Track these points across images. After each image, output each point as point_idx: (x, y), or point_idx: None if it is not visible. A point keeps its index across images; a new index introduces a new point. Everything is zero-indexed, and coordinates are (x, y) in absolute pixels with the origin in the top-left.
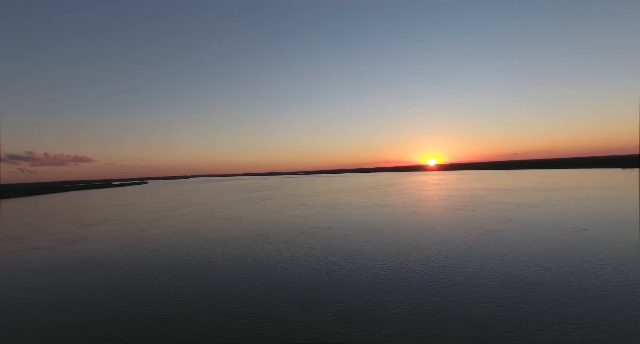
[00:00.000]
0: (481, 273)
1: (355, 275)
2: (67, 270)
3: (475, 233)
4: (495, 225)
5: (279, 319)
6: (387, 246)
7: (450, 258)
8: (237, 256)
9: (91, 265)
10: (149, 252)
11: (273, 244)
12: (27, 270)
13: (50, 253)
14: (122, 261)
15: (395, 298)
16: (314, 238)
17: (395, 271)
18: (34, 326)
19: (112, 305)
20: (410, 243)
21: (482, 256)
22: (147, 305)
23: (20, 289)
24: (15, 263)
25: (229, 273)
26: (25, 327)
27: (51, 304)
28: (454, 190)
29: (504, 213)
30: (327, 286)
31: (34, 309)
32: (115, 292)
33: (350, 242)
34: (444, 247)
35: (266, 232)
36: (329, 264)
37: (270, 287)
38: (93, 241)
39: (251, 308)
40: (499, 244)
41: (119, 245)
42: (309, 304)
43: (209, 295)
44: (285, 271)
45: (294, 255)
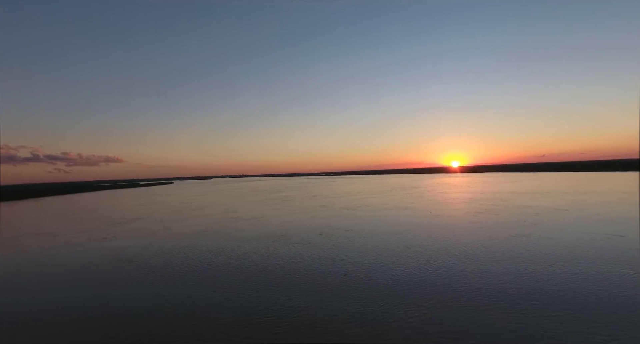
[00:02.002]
0: (503, 279)
1: (373, 277)
2: (98, 266)
3: (499, 238)
4: (520, 230)
5: (297, 320)
6: (407, 249)
7: (472, 262)
8: (257, 255)
9: (120, 262)
10: (173, 251)
11: (292, 244)
12: (62, 265)
13: (83, 249)
14: (149, 259)
15: (414, 301)
16: (333, 239)
17: (414, 275)
18: (67, 319)
19: (138, 302)
20: (431, 247)
21: (504, 262)
22: (170, 303)
23: (56, 283)
24: (52, 258)
25: (249, 273)
26: (59, 319)
27: (83, 298)
28: (477, 192)
29: (530, 217)
30: (346, 288)
31: (68, 303)
32: (141, 289)
33: (369, 244)
34: (465, 251)
35: (286, 233)
36: (347, 265)
37: (289, 287)
38: (122, 238)
39: (270, 308)
40: (523, 249)
41: (145, 243)
42: (328, 305)
43: (229, 294)
44: (304, 272)
45: (313, 256)
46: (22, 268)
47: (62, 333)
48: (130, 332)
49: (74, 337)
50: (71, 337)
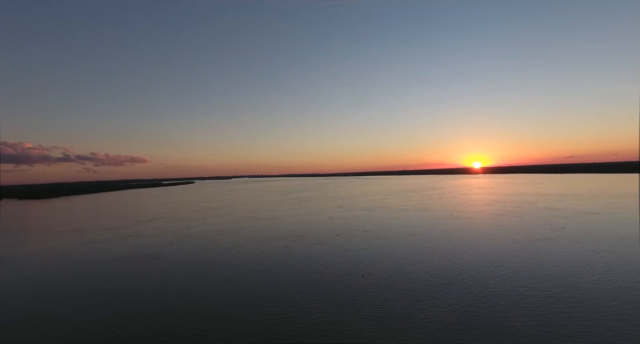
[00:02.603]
0: (527, 284)
1: (391, 279)
2: (123, 263)
3: (523, 241)
4: (546, 233)
5: (315, 320)
6: (426, 251)
7: (494, 266)
8: (275, 255)
9: (144, 259)
10: (194, 249)
11: (310, 245)
12: (91, 260)
13: (110, 246)
14: (171, 257)
15: (433, 304)
16: (350, 240)
17: (434, 277)
18: (90, 313)
19: (158, 298)
20: (451, 249)
21: (529, 266)
22: (190, 300)
23: (84, 278)
24: (81, 254)
25: (267, 272)
26: (83, 313)
27: (107, 293)
28: (500, 194)
29: (557, 221)
30: (363, 289)
31: (93, 297)
32: (162, 286)
33: (387, 246)
34: (487, 254)
35: (303, 233)
36: (365, 267)
37: (306, 287)
38: (146, 236)
39: (288, 308)
40: (550, 254)
41: (168, 241)
42: (345, 306)
43: (247, 293)
44: (322, 272)
45: (330, 256)
46: (54, 263)
47: (84, 326)
48: (150, 328)
49: (95, 331)
50: (92, 331)
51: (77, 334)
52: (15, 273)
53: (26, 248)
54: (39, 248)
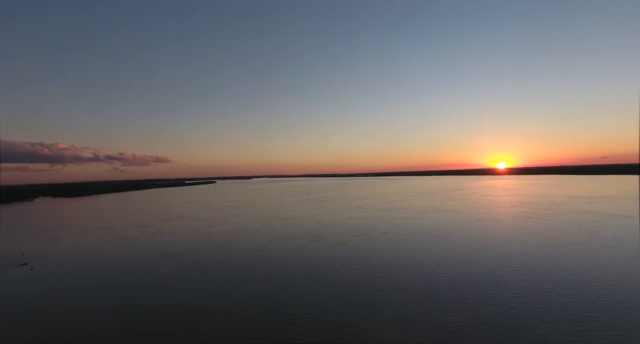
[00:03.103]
0: (555, 290)
1: (411, 281)
2: (148, 259)
3: (550, 245)
4: (575, 237)
5: (333, 320)
6: (448, 254)
7: (519, 270)
8: (294, 255)
9: (168, 256)
10: (215, 248)
11: (329, 245)
12: (118, 257)
13: (136, 243)
14: (193, 255)
15: (455, 308)
16: (370, 241)
17: (455, 280)
18: (115, 307)
19: (180, 294)
20: (474, 252)
21: (557, 271)
22: (210, 298)
23: (111, 273)
24: (109, 250)
25: (285, 271)
26: (107, 307)
27: (131, 289)
28: (526, 196)
29: (587, 224)
30: (382, 291)
31: (118, 292)
32: (184, 283)
33: (407, 247)
34: (512, 258)
35: (323, 233)
36: (384, 268)
37: (324, 287)
38: (169, 234)
39: (306, 308)
40: (580, 258)
41: (190, 239)
42: (363, 306)
43: (266, 292)
44: (340, 273)
45: (349, 257)
46: (83, 258)
47: (107, 319)
48: (170, 324)
49: (118, 324)
50: (115, 324)
51: (100, 327)
52: (48, 267)
53: (59, 244)
54: (70, 243)
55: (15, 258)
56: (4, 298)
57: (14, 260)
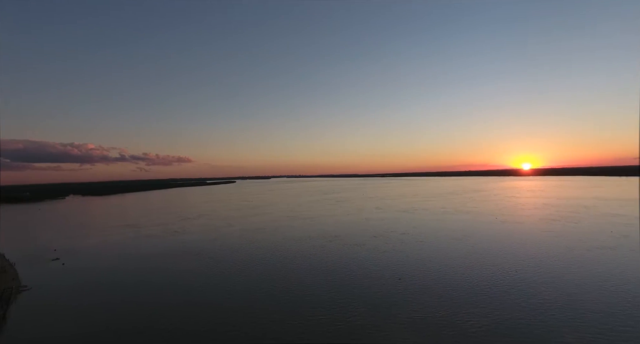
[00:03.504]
0: (584, 296)
1: (429, 283)
2: (171, 257)
3: (578, 249)
4: (605, 241)
5: (351, 321)
6: (468, 256)
7: (544, 274)
8: (312, 255)
9: (189, 254)
10: (235, 246)
11: (346, 246)
12: (142, 254)
13: (159, 241)
14: (213, 253)
15: (476, 312)
16: (388, 242)
17: (476, 283)
18: (137, 302)
19: (199, 292)
20: (496, 255)
21: (586, 277)
22: (229, 296)
23: (135, 270)
24: (134, 247)
25: (303, 271)
26: (132, 302)
27: (154, 286)
28: (552, 198)
29: (618, 228)
30: (400, 292)
31: (141, 289)
32: (204, 280)
33: (426, 249)
34: (537, 262)
35: (340, 233)
36: (402, 269)
37: (342, 288)
38: (191, 233)
39: (324, 308)
40: (610, 264)
41: (211, 238)
42: (381, 308)
43: (284, 291)
44: (358, 274)
45: (367, 258)
46: (109, 255)
47: (128, 315)
48: (189, 322)
49: (137, 320)
50: (134, 319)
51: (125, 322)
52: (78, 262)
53: (87, 240)
54: (98, 240)
55: (48, 253)
56: (39, 292)
57: (47, 254)
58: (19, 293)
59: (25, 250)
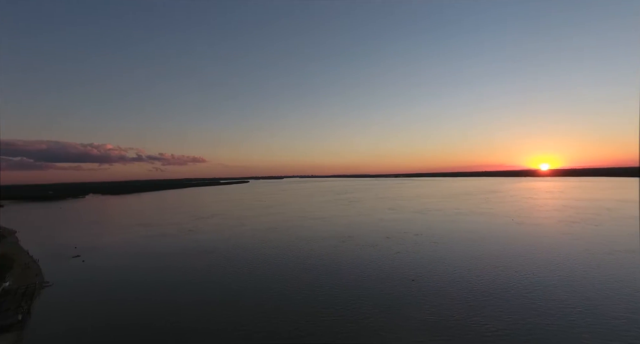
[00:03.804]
0: (606, 302)
1: (443, 285)
2: (185, 255)
3: (599, 252)
4: (628, 244)
5: (362, 322)
6: (483, 258)
7: (564, 278)
8: (324, 255)
9: (203, 253)
10: (247, 246)
11: (359, 246)
12: (156, 252)
13: (173, 239)
14: (226, 252)
15: (492, 314)
16: (401, 243)
17: (491, 286)
18: (156, 300)
19: (213, 291)
20: (512, 257)
21: (607, 281)
22: (242, 296)
23: (150, 269)
24: (149, 245)
25: (315, 272)
26: (150, 300)
27: (167, 284)
28: (572, 199)
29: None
30: (413, 294)
31: (155, 287)
32: (217, 279)
33: (440, 250)
34: (555, 265)
35: (353, 234)
36: (416, 271)
37: (354, 289)
38: (205, 232)
39: (336, 308)
40: (631, 267)
41: (224, 237)
42: (394, 309)
43: (296, 291)
44: (370, 274)
45: (380, 259)
46: (125, 253)
47: (146, 312)
48: (202, 320)
49: (155, 316)
50: (153, 316)
51: (140, 318)
52: (96, 260)
53: (106, 238)
54: (116, 238)
55: (69, 250)
56: (61, 288)
57: (68, 252)
58: (42, 289)
59: (48, 247)
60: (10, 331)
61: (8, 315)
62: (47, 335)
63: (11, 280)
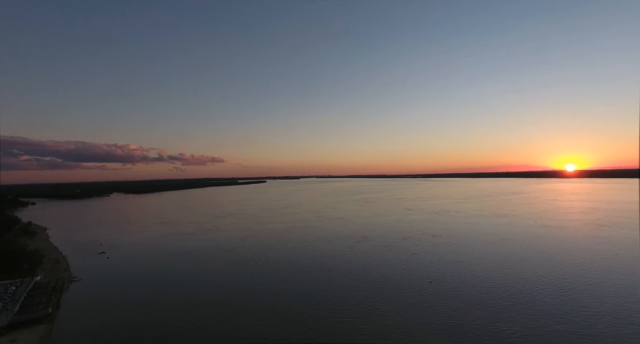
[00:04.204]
0: (631, 305)
1: (462, 287)
2: (203, 254)
3: (629, 257)
4: None
5: (379, 323)
6: (505, 261)
7: (592, 284)
8: (340, 256)
9: (221, 252)
10: (264, 245)
11: (376, 247)
12: (176, 250)
13: (192, 238)
14: (243, 251)
15: (513, 319)
16: (418, 244)
17: (512, 290)
18: (175, 298)
19: (231, 290)
20: (534, 261)
21: (635, 286)
22: (258, 295)
23: (170, 267)
24: (169, 244)
25: (331, 272)
26: (169, 297)
27: (189, 282)
28: (601, 201)
29: None
30: (431, 296)
31: (176, 283)
32: (234, 279)
33: (459, 252)
34: (582, 270)
35: (369, 234)
36: (433, 272)
37: (371, 289)
38: (223, 231)
39: (352, 309)
40: None
41: (241, 236)
42: (410, 311)
43: (312, 291)
44: (387, 275)
45: (396, 260)
46: (147, 251)
47: (165, 308)
48: (219, 320)
49: (174, 314)
50: (171, 314)
51: (159, 315)
52: (120, 257)
53: (129, 236)
54: (138, 236)
55: (95, 247)
56: (87, 283)
57: (94, 248)
58: (70, 283)
59: (76, 244)
60: (41, 323)
61: (39, 308)
62: (74, 328)
63: (42, 274)
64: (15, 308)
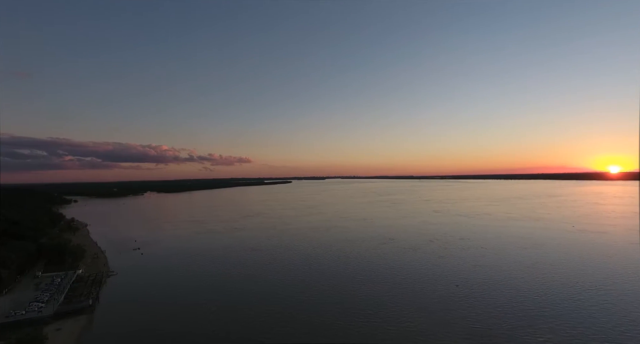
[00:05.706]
0: None
1: (491, 293)
2: (231, 251)
3: None
4: None
5: (403, 326)
6: (536, 266)
7: (632, 292)
8: (365, 257)
9: (247, 250)
10: (290, 244)
11: (401, 249)
12: (205, 248)
13: (221, 236)
14: (269, 250)
15: (547, 326)
16: (445, 247)
17: (545, 297)
18: (201, 297)
19: (255, 290)
20: (571, 267)
21: None
22: (286, 295)
23: (201, 263)
24: (199, 241)
25: (356, 272)
26: (197, 296)
27: (214, 282)
28: None
29: None
30: (457, 300)
31: (202, 283)
32: (260, 277)
33: (488, 256)
34: (624, 279)
35: (395, 236)
36: (460, 276)
37: (396, 292)
38: (250, 229)
39: (376, 310)
40: None
41: (267, 235)
42: (436, 314)
43: (337, 291)
44: (412, 278)
45: (422, 262)
46: (178, 249)
47: (195, 305)
48: (240, 319)
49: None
50: (200, 311)
51: (190, 312)
52: (153, 254)
53: (161, 233)
54: (170, 233)
55: (131, 243)
56: (123, 277)
57: (130, 244)
58: (108, 277)
59: (113, 240)
60: (82, 313)
61: (81, 300)
62: (112, 320)
63: (84, 267)
64: (60, 298)
